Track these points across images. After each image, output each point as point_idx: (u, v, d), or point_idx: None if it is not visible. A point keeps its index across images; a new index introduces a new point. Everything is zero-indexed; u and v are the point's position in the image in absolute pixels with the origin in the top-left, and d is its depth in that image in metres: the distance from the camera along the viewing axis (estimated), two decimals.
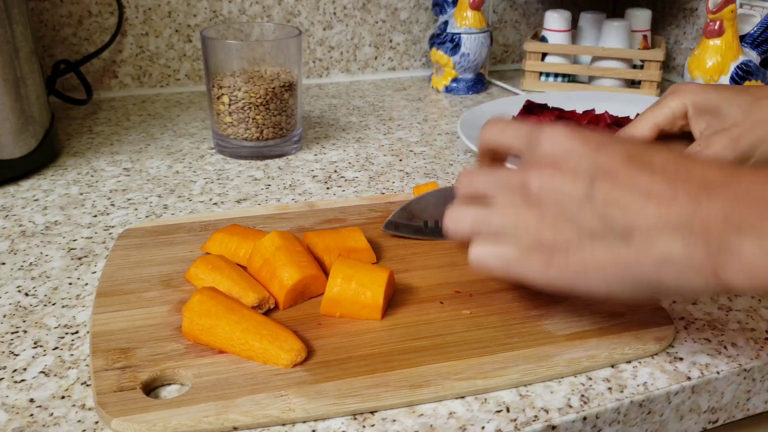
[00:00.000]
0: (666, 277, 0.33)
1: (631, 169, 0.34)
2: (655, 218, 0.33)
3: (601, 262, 0.34)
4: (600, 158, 0.35)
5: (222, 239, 0.49)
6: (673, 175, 0.34)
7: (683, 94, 0.50)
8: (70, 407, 0.37)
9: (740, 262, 0.31)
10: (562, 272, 0.36)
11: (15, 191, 0.64)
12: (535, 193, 0.36)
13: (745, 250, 0.31)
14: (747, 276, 0.31)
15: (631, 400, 0.38)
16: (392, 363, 0.39)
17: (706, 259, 0.32)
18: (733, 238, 0.31)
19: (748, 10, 0.90)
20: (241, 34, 0.75)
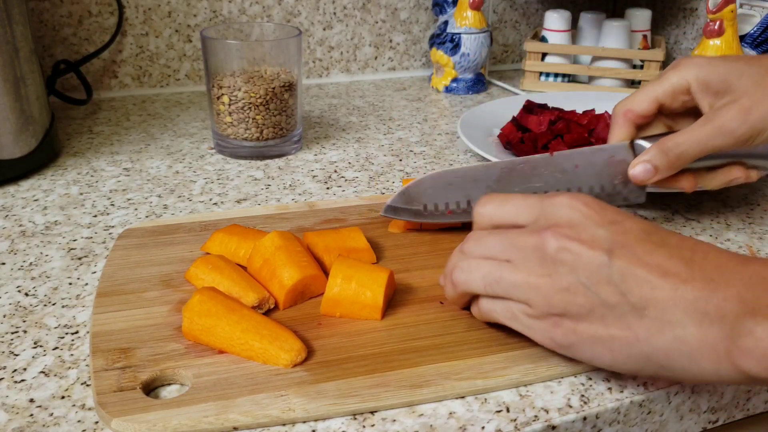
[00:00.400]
0: (676, 356, 0.33)
1: (648, 245, 0.34)
2: (671, 295, 0.32)
3: (611, 333, 0.34)
4: (617, 230, 0.35)
5: (222, 239, 0.49)
6: (690, 257, 0.34)
7: (686, 68, 0.47)
8: (70, 407, 0.37)
9: (754, 345, 0.30)
10: (568, 337, 0.35)
11: (15, 191, 0.64)
12: (551, 255, 0.35)
13: (759, 333, 0.30)
14: (760, 360, 0.30)
15: (631, 400, 0.38)
16: (392, 363, 0.39)
17: (719, 342, 0.31)
18: (748, 322, 0.31)
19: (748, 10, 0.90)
20: (241, 34, 0.75)
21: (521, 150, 0.68)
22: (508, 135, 0.71)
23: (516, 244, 0.37)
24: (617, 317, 0.34)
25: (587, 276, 0.34)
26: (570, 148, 0.67)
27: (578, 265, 0.34)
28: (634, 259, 0.34)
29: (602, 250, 0.34)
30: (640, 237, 0.35)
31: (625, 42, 0.98)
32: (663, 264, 0.33)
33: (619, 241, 0.34)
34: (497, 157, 0.66)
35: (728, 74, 0.45)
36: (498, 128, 0.77)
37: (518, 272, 0.36)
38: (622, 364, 0.35)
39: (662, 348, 0.33)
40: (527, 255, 0.36)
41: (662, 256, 0.34)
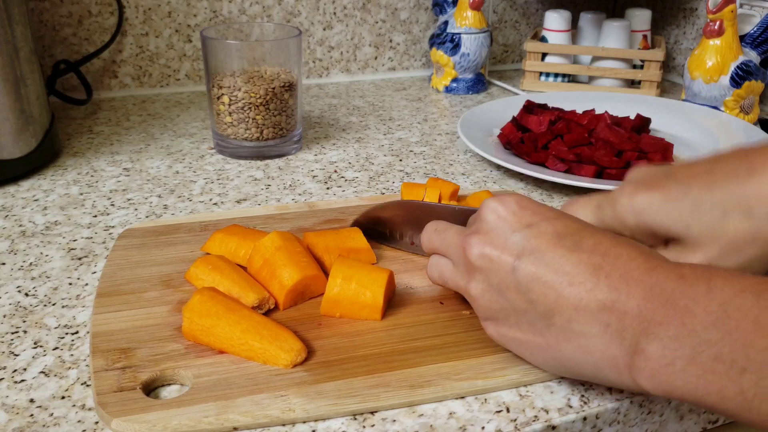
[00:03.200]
0: (582, 364, 0.34)
1: (559, 250, 0.34)
2: (575, 305, 0.33)
3: (526, 337, 0.36)
4: (530, 234, 0.35)
5: (222, 239, 0.49)
6: (599, 263, 0.33)
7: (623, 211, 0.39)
8: (70, 407, 0.37)
9: (644, 364, 0.31)
10: (494, 337, 0.38)
11: (15, 191, 0.64)
12: (472, 261, 0.37)
13: (650, 353, 0.30)
14: (651, 379, 0.31)
15: (631, 400, 0.38)
16: (392, 363, 0.39)
17: (619, 357, 0.32)
18: (642, 341, 0.31)
19: (748, 10, 0.90)
20: (241, 34, 0.75)
21: (521, 150, 0.68)
22: (508, 135, 0.71)
23: (450, 244, 0.40)
24: (529, 323, 0.35)
25: (498, 282, 0.36)
26: (570, 148, 0.67)
27: (491, 271, 0.36)
28: (542, 266, 0.34)
29: (512, 256, 0.35)
30: (552, 242, 0.35)
31: (625, 42, 0.98)
32: (570, 272, 0.33)
33: (529, 247, 0.35)
34: (497, 157, 0.66)
35: (673, 223, 0.37)
36: (498, 128, 0.77)
37: (454, 275, 0.39)
38: (542, 364, 0.37)
39: (570, 356, 0.34)
40: (458, 256, 0.38)
41: (571, 262, 0.33)
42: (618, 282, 0.32)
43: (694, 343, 0.29)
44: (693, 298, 0.30)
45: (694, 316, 0.29)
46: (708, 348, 0.29)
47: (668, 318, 0.30)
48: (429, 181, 0.58)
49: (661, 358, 0.30)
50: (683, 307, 0.30)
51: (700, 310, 0.29)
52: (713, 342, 0.29)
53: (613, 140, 0.66)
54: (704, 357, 0.29)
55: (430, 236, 0.42)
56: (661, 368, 0.30)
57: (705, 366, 0.29)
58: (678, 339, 0.29)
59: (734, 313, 0.29)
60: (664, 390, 0.30)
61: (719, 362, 0.28)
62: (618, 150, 0.65)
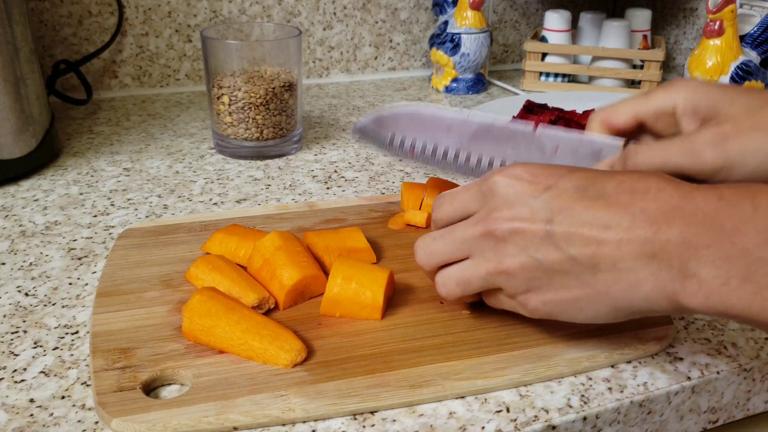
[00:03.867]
0: (635, 301, 0.34)
1: (585, 203, 0.35)
2: (616, 247, 0.33)
3: (574, 294, 0.35)
4: (553, 196, 0.35)
5: (222, 239, 0.49)
6: (629, 203, 0.34)
7: (676, 90, 0.42)
8: (70, 407, 0.37)
9: (698, 288, 0.31)
10: (542, 308, 0.37)
11: (15, 191, 0.64)
12: (501, 240, 0.36)
13: (702, 276, 0.31)
14: (705, 301, 0.31)
15: (631, 400, 0.38)
16: (392, 363, 0.39)
17: (668, 284, 0.32)
18: (692, 264, 0.31)
19: (748, 10, 0.90)
20: (241, 34, 0.75)
21: None
22: None
23: (466, 239, 0.38)
24: (575, 279, 0.35)
25: (536, 250, 0.35)
26: None
27: (525, 242, 0.35)
28: (575, 222, 0.34)
29: (542, 222, 0.35)
30: (576, 196, 0.35)
31: (625, 42, 0.98)
32: (603, 218, 0.34)
33: (556, 207, 0.35)
34: None
35: (720, 101, 0.40)
36: None
37: (479, 267, 0.37)
38: (595, 318, 0.36)
39: (621, 296, 0.34)
40: (481, 246, 0.37)
41: (601, 209, 0.34)
42: (654, 214, 0.33)
43: (747, 261, 0.30)
44: (739, 219, 0.31)
45: (743, 235, 0.30)
46: (762, 266, 0.29)
47: (716, 240, 0.31)
48: (429, 180, 0.58)
49: (714, 279, 0.31)
50: (730, 227, 0.31)
51: (750, 229, 0.30)
52: (766, 259, 0.29)
53: None
54: (759, 275, 0.29)
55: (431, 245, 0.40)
56: (715, 289, 0.31)
57: (760, 283, 0.29)
58: (730, 259, 0.30)
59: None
60: (718, 311, 0.31)
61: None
62: None
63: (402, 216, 0.55)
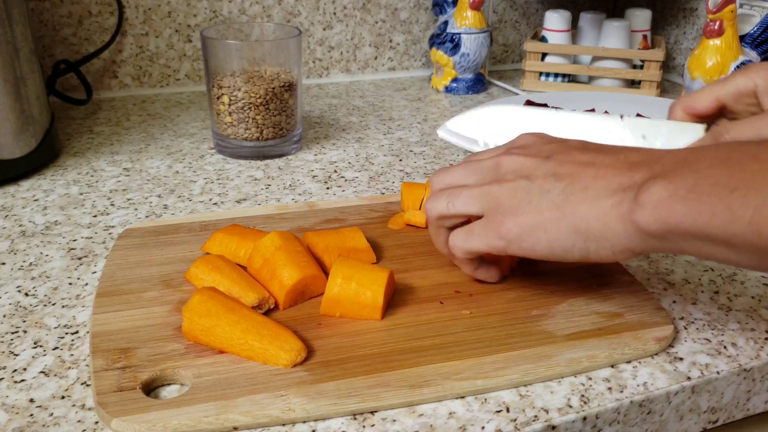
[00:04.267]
0: (593, 222, 0.37)
1: (584, 151, 0.40)
2: (593, 177, 0.38)
3: (544, 216, 0.39)
4: (560, 145, 0.42)
5: (222, 239, 0.49)
6: (617, 153, 0.39)
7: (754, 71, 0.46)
8: (70, 407, 0.37)
9: (648, 198, 0.34)
10: (513, 230, 0.40)
11: (15, 191, 0.64)
12: (504, 167, 0.42)
13: (655, 190, 0.34)
14: (652, 214, 0.34)
15: (631, 400, 0.38)
16: (392, 363, 0.39)
17: (625, 204, 0.36)
18: (649, 183, 0.35)
19: (748, 10, 0.90)
20: (241, 34, 0.75)
21: None
22: None
23: (476, 169, 0.43)
24: (549, 201, 0.39)
25: (528, 174, 0.40)
26: None
27: (523, 169, 0.41)
28: (568, 158, 0.40)
29: (542, 157, 0.41)
30: (579, 146, 0.41)
31: (625, 42, 0.98)
32: (591, 159, 0.39)
33: (559, 149, 0.41)
34: None
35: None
36: None
37: (473, 188, 0.42)
38: (555, 241, 0.39)
39: (583, 216, 0.37)
40: (483, 174, 0.42)
41: (592, 154, 0.39)
42: (635, 158, 0.37)
43: (696, 177, 0.33)
44: (703, 155, 0.34)
45: (700, 162, 0.34)
46: (707, 178, 0.33)
47: (677, 167, 0.34)
48: (429, 181, 0.58)
49: (663, 191, 0.34)
50: (692, 159, 0.34)
51: (708, 158, 0.34)
52: (713, 174, 0.33)
53: None
54: (703, 185, 0.33)
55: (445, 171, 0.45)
56: (664, 199, 0.34)
57: (702, 191, 0.32)
58: (683, 177, 0.34)
59: (737, 154, 0.33)
60: (662, 220, 0.33)
61: (716, 187, 0.32)
62: None
63: (402, 216, 0.55)
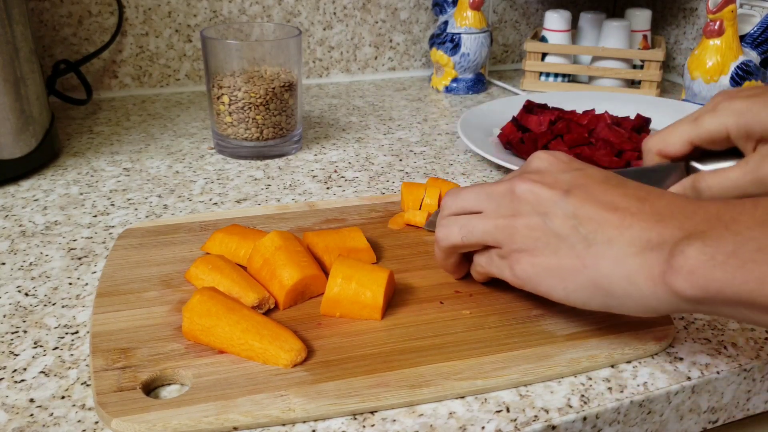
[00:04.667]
0: (617, 279, 0.34)
1: (605, 186, 0.37)
2: (617, 225, 0.35)
3: (562, 263, 0.37)
4: (578, 174, 0.38)
5: (222, 239, 0.49)
6: (644, 196, 0.36)
7: (724, 113, 0.43)
8: (70, 407, 0.37)
9: (683, 263, 0.32)
10: (527, 271, 0.38)
11: (15, 191, 0.64)
12: (518, 196, 0.39)
13: (691, 253, 0.31)
14: (689, 280, 0.31)
15: (631, 400, 0.38)
16: (392, 363, 0.39)
17: (656, 265, 0.33)
18: (683, 244, 0.32)
19: (748, 10, 0.90)
20: (241, 34, 0.75)
21: (521, 150, 0.68)
22: (508, 135, 0.71)
23: (489, 194, 0.41)
24: (569, 248, 0.36)
25: (545, 211, 0.37)
26: (570, 148, 0.67)
27: (539, 203, 0.38)
28: (589, 197, 0.37)
29: (561, 190, 0.37)
30: (600, 180, 0.38)
31: (625, 42, 0.98)
32: (615, 201, 0.36)
33: (578, 183, 0.38)
34: (497, 157, 0.66)
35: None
36: (498, 128, 0.77)
37: (488, 219, 0.40)
38: (572, 292, 0.37)
39: (605, 272, 0.35)
40: (498, 202, 0.40)
41: (616, 194, 0.36)
42: (662, 209, 0.34)
43: (737, 240, 0.30)
44: (739, 212, 0.32)
45: (739, 223, 0.31)
46: (750, 242, 0.30)
47: (711, 227, 0.32)
48: (429, 181, 0.58)
49: (701, 255, 0.31)
50: (728, 218, 0.32)
51: (746, 218, 0.31)
52: (755, 238, 0.30)
53: (613, 140, 0.66)
54: (746, 249, 0.30)
55: (456, 197, 0.43)
56: (701, 264, 0.31)
57: (746, 257, 0.30)
58: (720, 238, 0.31)
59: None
60: (701, 286, 0.31)
61: (761, 253, 0.30)
62: (618, 150, 0.65)
63: (402, 216, 0.55)
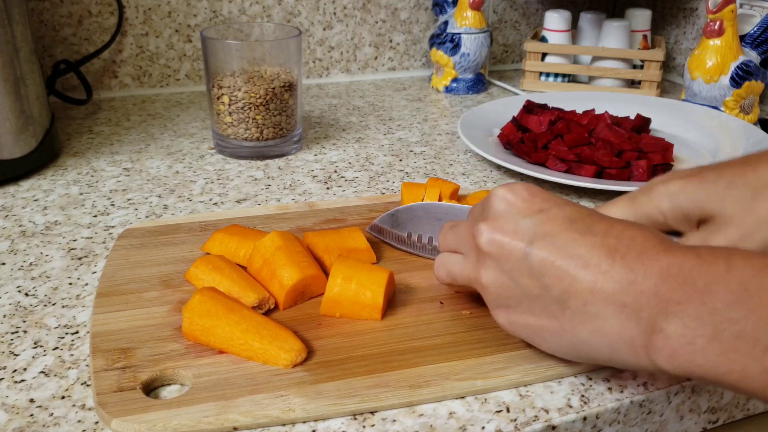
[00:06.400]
0: (598, 347, 0.33)
1: (571, 234, 0.34)
2: (590, 288, 0.33)
3: (540, 322, 0.35)
4: (542, 219, 0.35)
5: (222, 239, 0.49)
6: (614, 245, 0.33)
7: (659, 196, 0.41)
8: (70, 407, 0.37)
9: (664, 344, 0.30)
10: (511, 326, 0.37)
11: (15, 191, 0.64)
12: (482, 248, 0.36)
13: (669, 332, 0.30)
14: (670, 359, 0.30)
15: (631, 400, 0.38)
16: (392, 363, 0.39)
17: (636, 337, 0.32)
18: (660, 320, 0.30)
19: (748, 10, 0.90)
20: (241, 34, 0.75)
21: (521, 150, 0.68)
22: (508, 135, 0.71)
23: (462, 237, 0.39)
24: (543, 308, 0.35)
25: (510, 268, 0.35)
26: (570, 148, 0.67)
27: (502, 258, 0.35)
28: (555, 251, 0.34)
29: (524, 242, 0.35)
30: (564, 226, 0.35)
31: (625, 42, 0.98)
32: (584, 255, 0.33)
33: (541, 231, 0.35)
34: (497, 157, 0.66)
35: (707, 201, 0.39)
36: (498, 128, 0.77)
37: (464, 267, 0.39)
38: (557, 351, 0.36)
39: (585, 339, 0.34)
40: (468, 247, 0.38)
41: (585, 246, 0.33)
42: (633, 262, 0.32)
43: (715, 321, 0.29)
44: (713, 278, 0.30)
45: (714, 295, 0.29)
46: (730, 326, 0.28)
47: (687, 297, 0.30)
48: (429, 181, 0.58)
49: (681, 337, 0.30)
50: (702, 286, 0.30)
51: (721, 289, 0.29)
52: (735, 320, 0.28)
53: (613, 140, 0.66)
54: (726, 335, 0.29)
55: (445, 234, 0.42)
56: (681, 347, 0.30)
57: (727, 344, 0.28)
58: (698, 318, 0.29)
59: (756, 291, 0.29)
60: (684, 369, 0.30)
61: (742, 340, 0.28)
62: (618, 150, 0.65)
63: None
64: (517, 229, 0.35)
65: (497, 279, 0.36)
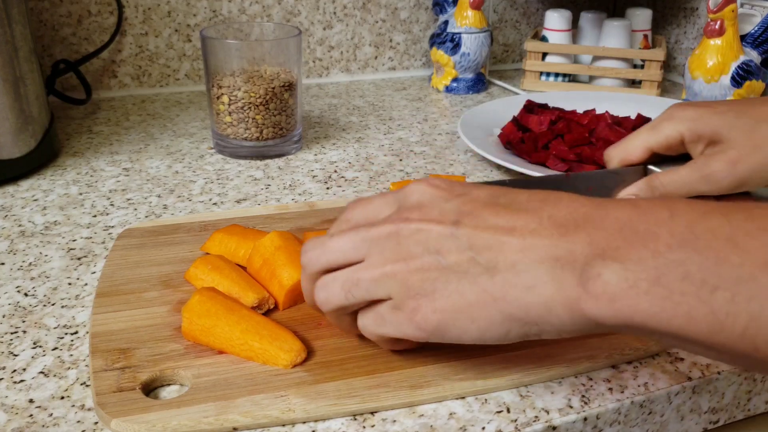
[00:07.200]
0: (533, 308, 0.31)
1: (495, 209, 0.34)
2: (519, 249, 0.31)
3: (468, 300, 0.32)
4: (463, 201, 0.35)
5: (222, 239, 0.49)
6: (539, 207, 0.33)
7: (679, 120, 0.49)
8: (70, 407, 0.37)
9: (602, 290, 0.29)
10: (431, 319, 0.33)
11: (14, 191, 0.64)
12: (405, 238, 0.34)
13: (607, 277, 0.29)
14: (610, 305, 0.29)
15: (631, 401, 0.38)
16: (392, 363, 0.39)
17: (571, 288, 0.30)
18: (597, 265, 0.29)
19: (749, 10, 0.90)
20: (241, 33, 0.75)
21: (521, 150, 0.68)
22: (508, 135, 0.71)
23: (370, 238, 0.35)
24: (471, 283, 0.32)
25: (437, 249, 0.33)
26: (571, 147, 0.67)
27: (429, 241, 0.34)
28: (481, 224, 0.33)
29: (449, 222, 0.34)
30: (488, 202, 0.34)
31: (626, 41, 0.97)
32: (510, 221, 0.32)
33: (465, 210, 0.34)
34: (498, 157, 0.66)
35: (719, 127, 0.47)
36: (498, 128, 0.77)
37: (374, 267, 0.35)
38: (486, 330, 0.33)
39: (518, 301, 0.31)
40: (382, 246, 0.35)
41: (509, 215, 0.33)
42: (563, 220, 0.31)
43: (658, 264, 0.28)
44: (654, 223, 0.29)
45: (657, 238, 0.28)
46: (675, 268, 0.27)
47: (627, 242, 0.29)
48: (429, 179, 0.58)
49: (622, 281, 0.28)
50: (644, 231, 0.29)
51: (664, 233, 0.28)
52: (680, 261, 0.27)
53: (613, 140, 0.66)
54: (671, 277, 0.27)
55: (324, 245, 0.36)
56: (622, 291, 0.28)
57: (672, 287, 0.27)
58: (640, 261, 0.28)
59: (702, 233, 0.28)
60: (624, 317, 0.29)
61: (688, 282, 0.27)
62: None
63: None
64: (442, 212, 0.34)
65: (424, 262, 0.33)
